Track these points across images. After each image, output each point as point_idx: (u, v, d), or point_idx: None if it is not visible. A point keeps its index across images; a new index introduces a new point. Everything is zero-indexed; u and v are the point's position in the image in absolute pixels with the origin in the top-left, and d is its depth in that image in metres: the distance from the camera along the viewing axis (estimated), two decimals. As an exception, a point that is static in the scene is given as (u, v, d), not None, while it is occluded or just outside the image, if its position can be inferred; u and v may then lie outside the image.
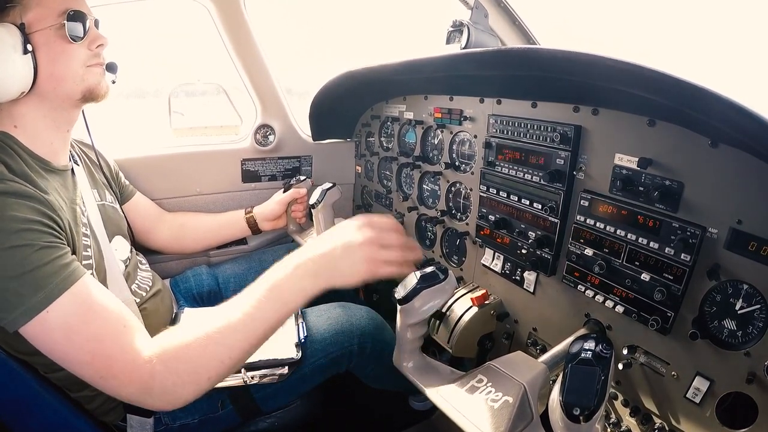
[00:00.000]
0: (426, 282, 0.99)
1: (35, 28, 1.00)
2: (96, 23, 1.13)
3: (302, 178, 1.86)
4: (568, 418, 0.73)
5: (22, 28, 0.98)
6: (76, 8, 1.04)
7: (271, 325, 0.93)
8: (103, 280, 1.16)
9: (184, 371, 0.89)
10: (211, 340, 0.89)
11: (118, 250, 1.29)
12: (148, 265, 1.47)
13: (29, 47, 0.98)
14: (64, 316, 0.88)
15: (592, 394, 0.73)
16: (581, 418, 0.73)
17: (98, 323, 0.90)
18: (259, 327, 0.91)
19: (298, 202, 1.81)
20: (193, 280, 1.67)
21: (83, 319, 0.89)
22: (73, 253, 1.01)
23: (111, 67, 1.21)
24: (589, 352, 0.77)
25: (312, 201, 1.58)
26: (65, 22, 1.02)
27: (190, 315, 1.43)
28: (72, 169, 1.20)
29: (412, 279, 1.01)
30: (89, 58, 1.07)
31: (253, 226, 1.79)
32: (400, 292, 1.01)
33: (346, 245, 0.94)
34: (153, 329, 1.24)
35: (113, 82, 1.22)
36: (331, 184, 1.60)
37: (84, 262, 1.08)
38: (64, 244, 0.95)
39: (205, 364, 0.89)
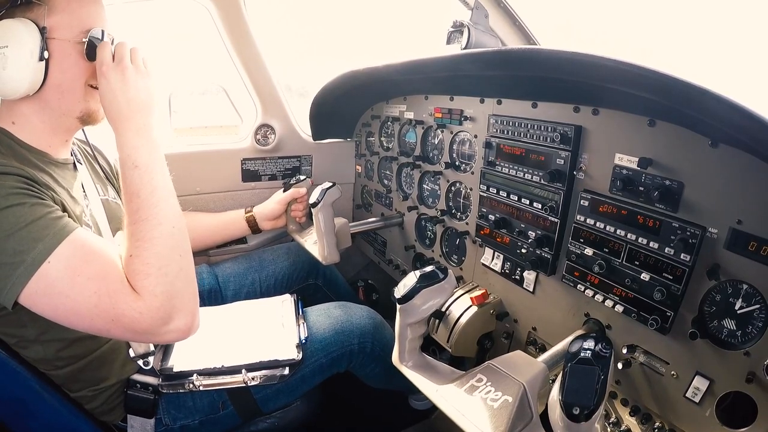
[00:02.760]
0: (425, 281, 0.99)
1: (56, 35, 0.99)
2: (112, 41, 1.12)
3: (302, 177, 1.86)
4: (568, 418, 0.73)
5: (43, 32, 0.97)
6: (99, 27, 1.04)
7: (160, 172, 1.00)
8: None
9: (163, 267, 0.93)
10: (147, 232, 0.94)
11: (121, 245, 1.29)
12: None
13: (46, 54, 0.97)
14: (65, 261, 0.87)
15: (592, 394, 0.74)
16: (581, 417, 0.73)
17: (99, 262, 0.90)
18: (160, 193, 0.98)
19: (298, 201, 1.81)
20: (193, 280, 1.67)
21: (84, 260, 0.89)
22: None
23: None
24: (588, 352, 0.77)
25: (312, 200, 1.58)
26: (86, 40, 1.01)
27: None
28: (74, 164, 1.19)
29: (412, 278, 1.01)
30: (94, 78, 1.05)
31: (253, 226, 1.79)
32: (399, 292, 1.01)
33: (123, 83, 1.01)
34: None
35: None
36: (330, 184, 1.60)
37: None
38: (55, 205, 0.94)
39: (162, 247, 0.94)
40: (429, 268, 1.02)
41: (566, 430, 0.75)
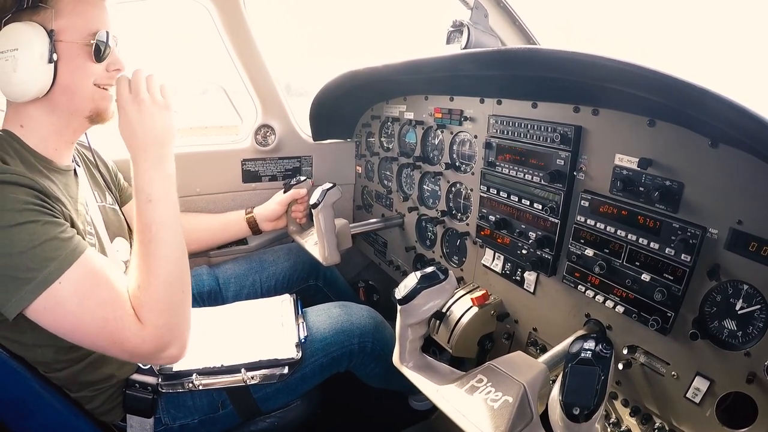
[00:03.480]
0: (426, 282, 1.00)
1: (63, 38, 1.00)
2: (116, 43, 1.13)
3: (302, 178, 1.86)
4: (568, 418, 0.73)
5: (51, 35, 0.98)
6: (106, 29, 1.05)
7: (173, 209, 1.05)
8: None
9: (165, 298, 0.98)
10: (156, 264, 0.99)
11: (120, 251, 1.29)
12: None
13: (54, 56, 0.99)
14: (76, 283, 0.90)
15: (592, 394, 0.73)
16: (581, 417, 0.73)
17: (108, 288, 0.94)
18: (170, 227, 1.02)
19: (298, 202, 1.82)
20: (194, 280, 1.67)
21: (94, 284, 0.92)
22: None
23: None
24: (588, 352, 0.77)
25: (312, 201, 1.58)
26: (94, 42, 1.02)
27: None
28: (74, 170, 1.20)
29: (413, 279, 1.01)
30: (102, 78, 1.07)
31: (254, 227, 1.79)
32: (400, 292, 1.01)
33: (139, 113, 1.05)
34: None
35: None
36: (331, 185, 1.60)
37: None
38: (65, 222, 0.97)
39: (167, 281, 0.99)
40: (430, 269, 1.02)
41: (566, 430, 0.75)
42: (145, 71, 1.05)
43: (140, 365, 1.20)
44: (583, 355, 0.77)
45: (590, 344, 0.78)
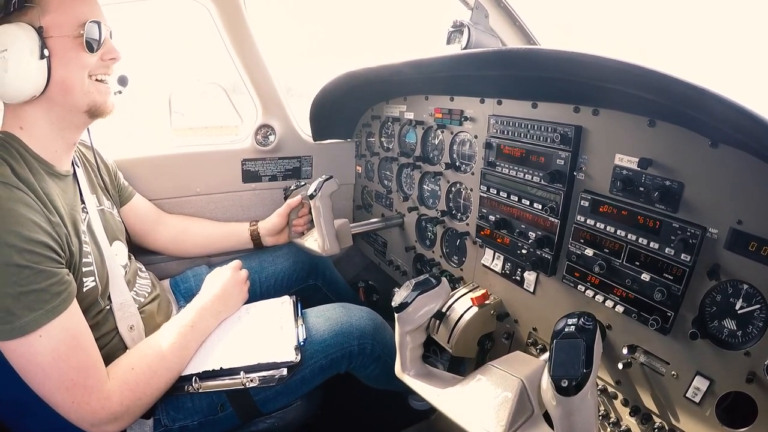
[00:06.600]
0: (420, 288, 1.05)
1: (53, 33, 1.00)
2: (110, 34, 1.13)
3: (302, 183, 1.86)
4: (558, 392, 0.72)
5: (40, 31, 0.98)
6: (95, 19, 1.05)
7: (197, 348, 1.27)
8: (105, 286, 1.16)
9: (143, 394, 1.08)
10: (159, 366, 1.12)
11: (118, 255, 1.29)
12: (146, 272, 1.48)
13: (46, 52, 0.99)
14: (55, 343, 0.93)
15: (579, 365, 0.72)
16: (570, 389, 0.71)
17: (84, 355, 0.98)
18: (188, 354, 1.23)
19: (299, 215, 1.82)
20: (194, 280, 1.67)
21: (72, 347, 0.96)
22: (71, 266, 1.02)
23: (122, 81, 1.23)
24: (572, 327, 0.77)
25: (309, 192, 1.59)
26: (84, 32, 1.03)
27: None
28: (74, 174, 1.20)
29: (407, 287, 1.06)
30: (97, 69, 1.08)
31: (256, 239, 1.81)
32: (396, 301, 1.06)
33: (229, 284, 1.42)
34: (152, 332, 1.25)
35: (119, 92, 1.23)
36: (327, 176, 1.60)
37: (85, 269, 1.08)
38: (61, 265, 0.97)
39: (157, 384, 1.12)
40: (422, 277, 1.08)
41: (559, 406, 0.73)
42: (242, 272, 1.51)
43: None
44: (566, 330, 0.77)
45: (573, 320, 0.78)
